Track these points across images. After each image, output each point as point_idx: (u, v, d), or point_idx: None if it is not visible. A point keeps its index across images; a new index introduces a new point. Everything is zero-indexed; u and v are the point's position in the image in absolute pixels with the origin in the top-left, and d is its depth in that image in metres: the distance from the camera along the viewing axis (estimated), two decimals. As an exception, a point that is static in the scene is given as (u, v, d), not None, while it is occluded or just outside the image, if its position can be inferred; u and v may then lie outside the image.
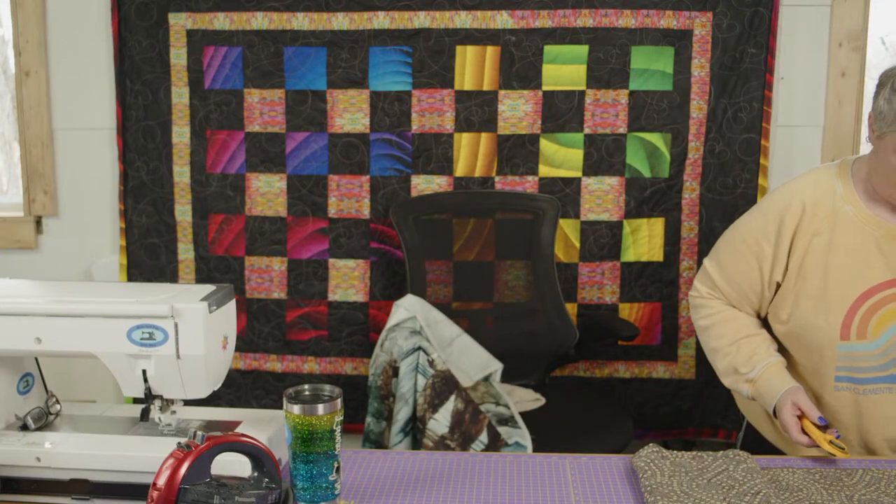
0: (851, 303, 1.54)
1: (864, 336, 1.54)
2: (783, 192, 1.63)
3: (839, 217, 1.56)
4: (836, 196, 1.57)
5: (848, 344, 1.54)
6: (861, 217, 1.55)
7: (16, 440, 1.31)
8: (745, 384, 1.61)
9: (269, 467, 1.17)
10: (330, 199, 2.74)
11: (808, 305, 1.57)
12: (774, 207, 1.61)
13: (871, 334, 1.54)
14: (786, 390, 1.53)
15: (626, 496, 1.31)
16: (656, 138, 2.64)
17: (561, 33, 2.60)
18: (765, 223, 1.62)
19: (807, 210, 1.57)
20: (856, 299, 1.54)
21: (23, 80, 2.83)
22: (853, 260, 1.54)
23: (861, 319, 1.54)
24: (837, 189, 1.57)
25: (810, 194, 1.58)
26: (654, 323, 2.72)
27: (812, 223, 1.57)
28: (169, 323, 1.27)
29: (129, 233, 2.81)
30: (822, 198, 1.57)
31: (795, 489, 1.33)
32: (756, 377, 1.59)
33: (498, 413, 2.13)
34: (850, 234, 1.55)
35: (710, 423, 2.74)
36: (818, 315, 1.55)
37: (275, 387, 2.81)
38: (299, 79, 2.69)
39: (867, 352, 1.54)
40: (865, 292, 1.53)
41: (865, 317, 1.54)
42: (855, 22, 2.62)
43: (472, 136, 2.67)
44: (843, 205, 1.56)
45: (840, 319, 1.54)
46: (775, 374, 1.58)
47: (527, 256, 2.60)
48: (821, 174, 1.61)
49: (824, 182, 1.59)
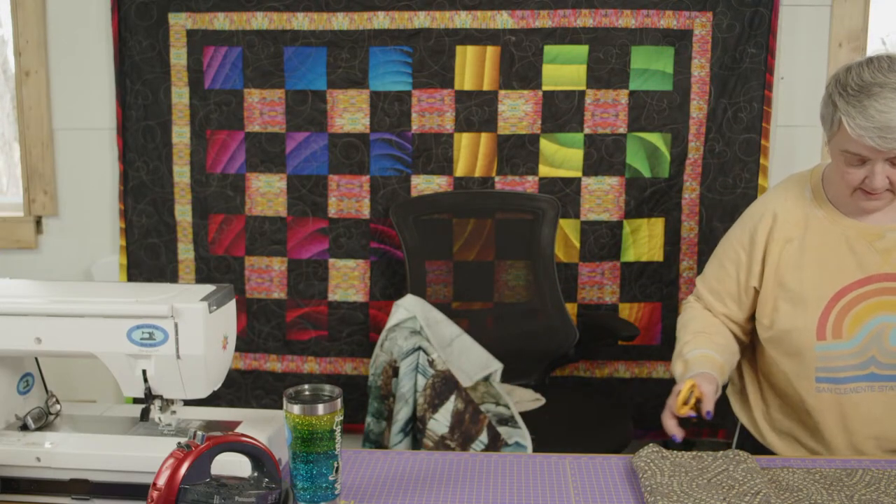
0: (826, 303, 1.56)
1: (840, 335, 1.56)
2: (758, 202, 1.71)
3: (810, 221, 1.60)
4: (806, 201, 1.62)
5: (825, 344, 1.56)
6: (831, 219, 1.59)
7: (16, 440, 1.31)
8: (680, 364, 1.64)
9: (269, 467, 1.17)
10: (330, 199, 2.74)
11: (785, 309, 1.60)
12: (749, 218, 1.68)
13: (846, 333, 1.56)
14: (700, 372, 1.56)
15: (626, 496, 1.31)
16: (656, 138, 2.64)
17: (561, 33, 2.60)
18: (741, 232, 1.68)
19: (778, 217, 1.63)
20: (829, 299, 1.56)
21: (23, 80, 2.83)
22: (825, 261, 1.57)
23: (836, 319, 1.56)
24: (807, 194, 1.63)
25: (781, 202, 1.64)
26: (654, 323, 2.72)
27: (784, 230, 1.62)
28: (169, 323, 1.27)
29: (129, 233, 2.81)
30: (793, 205, 1.63)
31: (795, 489, 1.33)
32: (690, 358, 1.62)
33: (498, 413, 2.13)
34: (822, 236, 1.59)
35: (710, 423, 2.73)
36: (795, 318, 1.58)
37: (275, 387, 2.81)
38: (299, 79, 2.69)
39: (844, 350, 1.56)
40: (839, 292, 1.56)
41: (840, 316, 1.56)
42: (855, 22, 2.62)
43: (472, 136, 2.67)
44: (813, 209, 1.61)
45: (815, 320, 1.56)
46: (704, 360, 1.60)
47: (527, 256, 2.60)
48: (792, 182, 1.68)
49: (794, 189, 1.65)
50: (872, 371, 1.56)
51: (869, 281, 1.55)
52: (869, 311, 1.55)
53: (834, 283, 1.56)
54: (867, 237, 1.56)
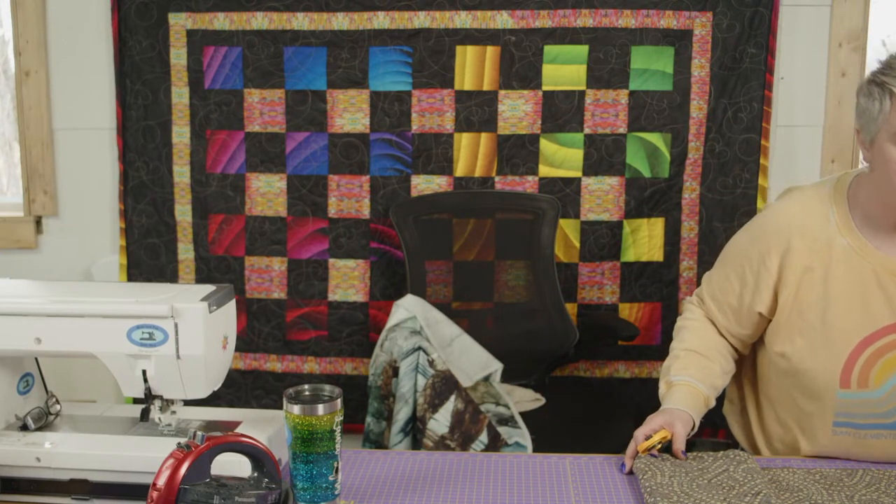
0: (852, 349, 1.42)
1: (866, 385, 1.43)
2: (773, 218, 1.52)
3: (834, 251, 1.44)
4: (831, 227, 1.45)
5: (848, 392, 1.44)
6: (859, 250, 1.43)
7: (16, 440, 1.31)
8: (664, 384, 1.55)
9: (269, 467, 1.17)
10: (330, 199, 2.74)
11: (803, 346, 1.47)
12: (762, 235, 1.52)
13: (873, 382, 1.43)
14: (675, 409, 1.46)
15: (626, 496, 1.31)
16: (656, 138, 2.64)
17: (561, 33, 2.60)
18: (750, 247, 1.53)
19: (795, 243, 1.46)
20: (856, 345, 1.42)
21: (23, 80, 2.83)
22: (852, 301, 1.42)
23: (862, 367, 1.42)
24: (831, 218, 1.45)
25: (800, 224, 1.47)
26: (654, 323, 2.72)
27: (803, 257, 1.46)
28: (169, 323, 1.27)
29: (129, 233, 2.81)
30: (815, 229, 1.45)
31: (796, 489, 1.33)
32: (675, 382, 1.52)
33: (498, 413, 2.13)
34: (847, 270, 1.43)
35: (710, 423, 2.72)
36: (816, 360, 1.45)
37: (275, 387, 2.81)
38: (299, 79, 2.69)
39: (870, 400, 1.44)
40: (867, 338, 1.42)
41: (867, 365, 1.42)
42: (855, 22, 2.62)
43: (472, 136, 2.67)
44: (838, 237, 1.44)
45: (840, 366, 1.43)
46: (685, 394, 1.50)
47: (527, 256, 2.60)
48: (813, 200, 1.48)
49: (817, 210, 1.47)
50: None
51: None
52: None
53: (863, 327, 1.41)
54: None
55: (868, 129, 1.37)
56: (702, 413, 1.52)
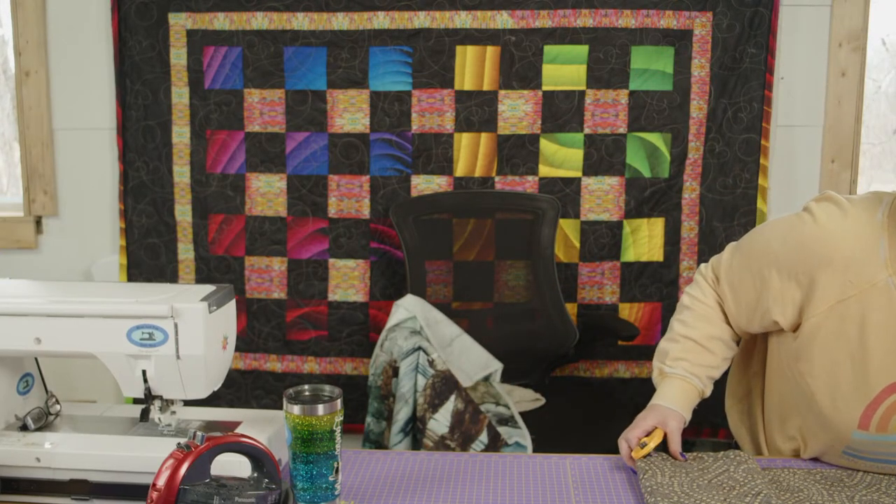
0: (877, 393, 1.34)
1: (885, 429, 1.35)
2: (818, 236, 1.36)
3: (876, 288, 1.31)
4: (879, 262, 1.30)
5: (865, 433, 1.37)
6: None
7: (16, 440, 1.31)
8: (658, 370, 1.52)
9: (269, 468, 1.16)
10: (330, 199, 2.73)
11: (827, 383, 1.38)
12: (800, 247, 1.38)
13: (892, 428, 1.35)
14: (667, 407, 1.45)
15: (626, 496, 1.31)
16: (656, 138, 2.64)
17: (561, 33, 2.60)
18: (782, 254, 1.41)
19: (835, 271, 1.33)
20: (882, 390, 1.34)
21: (23, 80, 2.83)
22: (886, 345, 1.32)
23: (885, 412, 1.34)
24: (881, 252, 1.30)
25: (846, 253, 1.32)
26: (654, 323, 2.72)
27: (839, 287, 1.33)
28: (169, 323, 1.27)
29: (129, 233, 2.81)
30: (861, 260, 1.32)
31: (796, 490, 1.33)
32: (669, 374, 1.50)
33: (498, 413, 2.13)
34: (886, 311, 1.31)
35: (710, 423, 2.73)
36: (837, 397, 1.37)
37: (275, 387, 2.81)
38: (299, 79, 2.69)
39: (885, 442, 1.37)
40: (894, 384, 1.33)
41: (889, 411, 1.34)
42: (855, 22, 2.62)
43: (472, 136, 2.67)
44: (884, 274, 1.30)
45: (861, 410, 1.35)
46: (679, 390, 1.48)
47: (527, 256, 2.60)
48: (865, 226, 1.33)
49: (868, 238, 1.32)
50: None
51: None
52: None
53: (893, 373, 1.32)
54: None
55: None
56: (693, 406, 1.51)
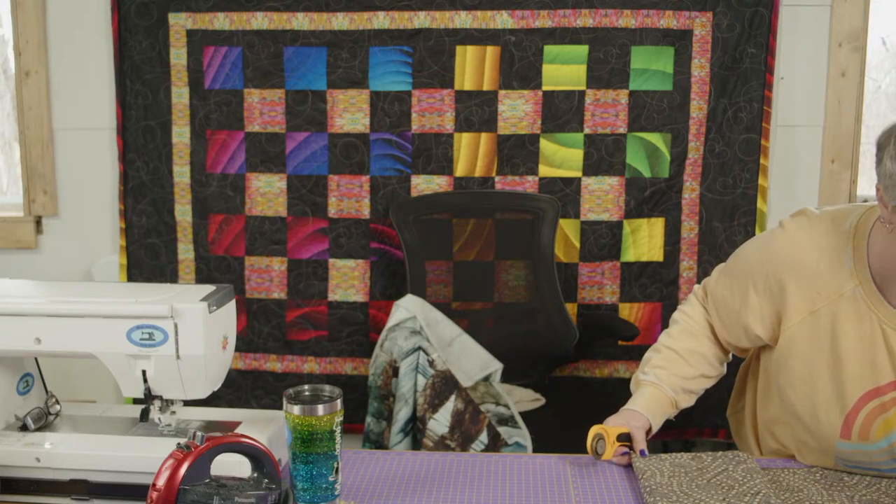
0: (854, 402, 1.37)
1: (867, 438, 1.38)
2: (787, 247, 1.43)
3: (844, 298, 1.36)
4: (844, 272, 1.36)
5: (848, 443, 1.39)
6: (869, 301, 1.34)
7: (16, 440, 1.31)
8: (634, 381, 1.59)
9: (269, 468, 1.17)
10: (330, 199, 2.74)
11: (807, 394, 1.42)
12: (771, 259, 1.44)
13: (874, 436, 1.37)
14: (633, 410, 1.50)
15: (626, 496, 1.31)
16: (656, 138, 2.64)
17: (561, 33, 2.60)
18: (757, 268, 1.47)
19: (804, 277, 1.39)
20: (860, 398, 1.37)
21: (23, 80, 2.83)
22: (860, 354, 1.36)
23: (864, 421, 1.37)
24: (846, 262, 1.36)
25: (813, 259, 1.38)
26: (654, 323, 2.72)
27: (809, 299, 1.39)
28: (169, 323, 1.27)
29: (129, 233, 2.81)
30: (828, 272, 1.37)
31: (795, 489, 1.33)
32: (643, 381, 1.56)
33: (498, 413, 2.13)
34: (856, 321, 1.36)
35: (710, 423, 2.73)
36: (817, 407, 1.41)
37: (275, 387, 2.81)
38: (299, 79, 2.69)
39: (869, 451, 1.39)
40: (870, 392, 1.36)
41: (869, 419, 1.37)
42: (855, 22, 2.62)
43: (472, 136, 2.67)
44: (850, 284, 1.35)
45: (841, 419, 1.38)
46: (651, 397, 1.53)
47: (527, 256, 2.60)
48: (831, 238, 1.38)
49: (833, 251, 1.37)
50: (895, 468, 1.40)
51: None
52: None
53: (867, 382, 1.36)
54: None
55: (892, 193, 1.25)
56: (665, 415, 1.54)
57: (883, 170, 1.25)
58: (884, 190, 1.26)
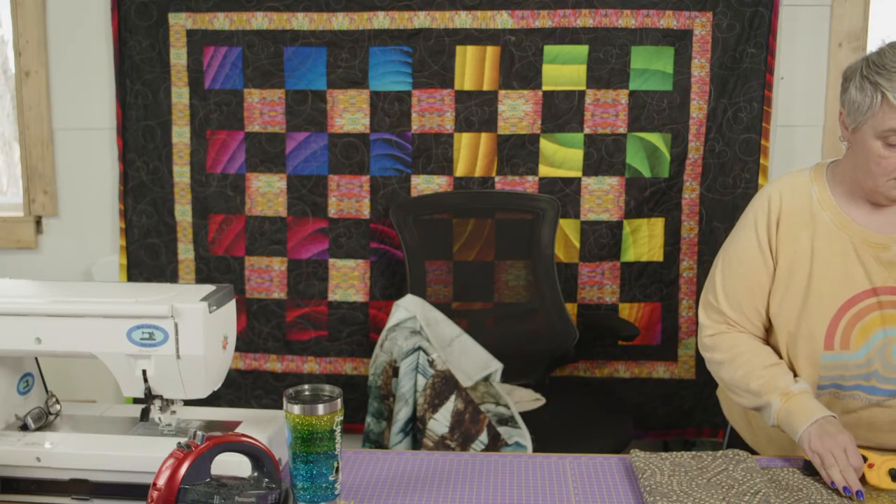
0: (833, 313, 1.54)
1: (848, 346, 1.54)
2: (761, 196, 1.62)
3: (817, 224, 1.56)
4: (813, 201, 1.57)
5: (832, 354, 1.55)
6: (839, 223, 1.55)
7: (16, 440, 1.31)
8: (779, 396, 1.50)
9: (269, 467, 1.17)
10: (330, 199, 2.74)
11: (790, 310, 1.57)
12: (757, 214, 1.61)
13: (853, 344, 1.53)
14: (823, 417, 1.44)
15: (626, 496, 1.31)
16: (656, 138, 2.64)
17: (561, 33, 2.60)
18: (755, 232, 1.61)
19: (783, 211, 1.58)
20: (838, 309, 1.54)
21: (23, 80, 2.83)
22: (834, 269, 1.54)
23: (844, 330, 1.54)
24: (813, 194, 1.58)
25: (787, 200, 1.58)
26: (654, 323, 2.72)
27: (790, 227, 1.57)
28: (169, 323, 1.27)
29: (129, 233, 2.81)
30: (799, 203, 1.58)
31: (795, 489, 1.33)
32: (794, 392, 1.50)
33: (498, 413, 2.13)
34: (829, 241, 1.55)
35: (710, 423, 2.74)
36: (801, 324, 1.56)
37: (275, 387, 2.81)
38: (299, 79, 2.69)
39: (850, 361, 1.54)
40: (847, 302, 1.53)
41: (848, 327, 1.54)
42: (855, 22, 2.62)
43: (472, 136, 2.67)
44: (819, 210, 1.56)
45: (824, 330, 1.54)
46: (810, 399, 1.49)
47: (527, 256, 2.60)
48: (795, 178, 1.61)
49: (799, 187, 1.59)
50: (874, 384, 1.54)
51: (875, 293, 1.52)
52: (875, 324, 1.52)
53: (842, 293, 1.53)
54: (872, 248, 1.53)
55: (854, 117, 1.48)
56: None
57: (847, 97, 1.49)
58: (847, 114, 1.49)
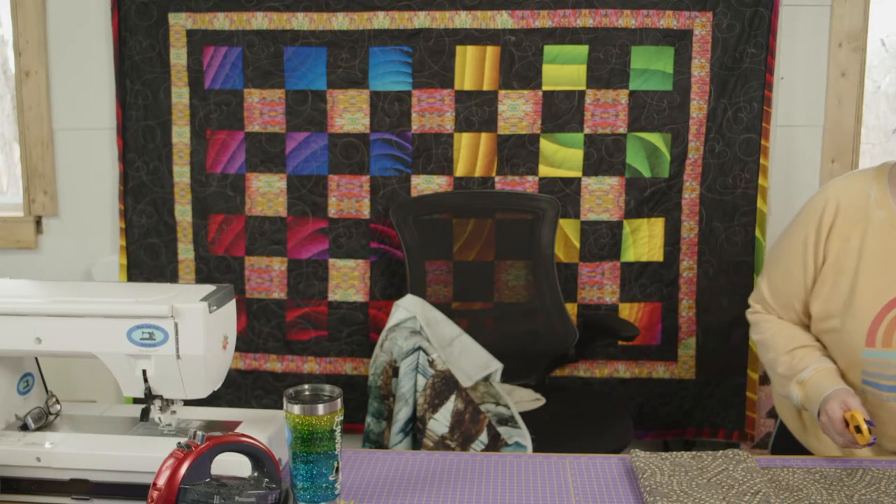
0: (878, 310, 1.54)
1: (890, 344, 1.54)
2: (819, 196, 1.65)
3: (871, 223, 1.57)
4: (870, 201, 1.58)
5: (874, 351, 1.55)
6: (893, 222, 1.55)
7: (16, 440, 1.31)
8: (796, 386, 1.60)
9: (269, 467, 1.16)
10: (330, 199, 2.74)
11: (835, 309, 1.59)
12: (810, 214, 1.64)
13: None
14: (835, 389, 1.53)
15: (626, 496, 1.31)
16: (656, 138, 2.64)
17: (561, 33, 2.60)
18: (804, 231, 1.64)
19: (839, 213, 1.59)
20: (883, 307, 1.54)
21: (23, 80, 2.83)
22: (882, 266, 1.55)
23: (887, 328, 1.53)
24: (871, 194, 1.58)
25: (844, 198, 1.60)
26: (654, 323, 2.72)
27: (843, 227, 1.59)
28: (169, 323, 1.27)
29: (129, 233, 2.81)
30: (855, 202, 1.59)
31: (795, 489, 1.33)
32: (806, 378, 1.58)
33: (498, 413, 2.13)
34: (881, 240, 1.56)
35: (710, 423, 2.74)
36: (845, 320, 1.57)
37: (275, 387, 2.81)
38: (299, 79, 2.69)
39: (892, 360, 1.54)
40: (892, 300, 1.53)
41: (891, 325, 1.53)
42: (855, 22, 2.62)
43: (472, 136, 2.67)
44: (875, 210, 1.57)
45: (866, 326, 1.55)
46: (826, 376, 1.57)
47: (527, 256, 2.60)
48: (856, 179, 1.62)
49: (858, 187, 1.61)
50: None
51: None
52: None
53: (889, 291, 1.54)
54: None
55: None
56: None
57: None
58: None
